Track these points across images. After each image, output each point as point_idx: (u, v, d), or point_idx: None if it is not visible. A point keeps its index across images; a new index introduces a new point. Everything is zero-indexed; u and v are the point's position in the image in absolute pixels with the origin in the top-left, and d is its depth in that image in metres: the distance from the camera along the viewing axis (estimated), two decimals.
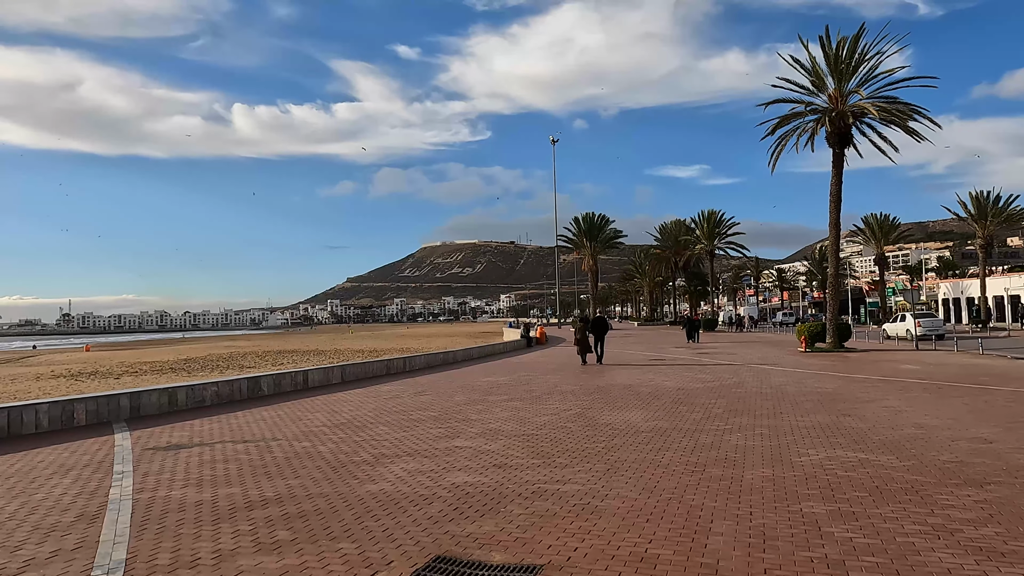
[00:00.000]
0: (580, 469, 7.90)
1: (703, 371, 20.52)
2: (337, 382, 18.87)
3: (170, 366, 38.02)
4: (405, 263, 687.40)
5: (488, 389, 16.70)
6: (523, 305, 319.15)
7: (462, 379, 19.65)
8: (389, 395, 15.92)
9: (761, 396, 14.17)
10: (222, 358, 45.37)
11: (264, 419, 12.49)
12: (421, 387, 17.61)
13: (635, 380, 18.10)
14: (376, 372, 20.87)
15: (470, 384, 18.09)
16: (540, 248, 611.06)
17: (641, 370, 21.33)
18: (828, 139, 30.57)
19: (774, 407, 12.50)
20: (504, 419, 11.80)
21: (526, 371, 21.94)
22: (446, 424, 11.42)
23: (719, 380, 17.68)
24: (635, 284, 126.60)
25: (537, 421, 11.49)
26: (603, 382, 17.75)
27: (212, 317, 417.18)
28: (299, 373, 17.63)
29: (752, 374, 19.25)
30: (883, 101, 29.30)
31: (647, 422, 11.11)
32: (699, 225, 74.23)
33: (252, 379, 16.11)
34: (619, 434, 10.07)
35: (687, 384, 16.82)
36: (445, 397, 15.25)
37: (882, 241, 63.12)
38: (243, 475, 7.99)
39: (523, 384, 17.74)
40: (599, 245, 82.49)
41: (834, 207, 30.77)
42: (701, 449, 8.86)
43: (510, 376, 20.20)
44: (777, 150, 31.84)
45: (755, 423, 10.78)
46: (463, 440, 9.92)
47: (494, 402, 14.13)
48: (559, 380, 18.61)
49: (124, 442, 10.36)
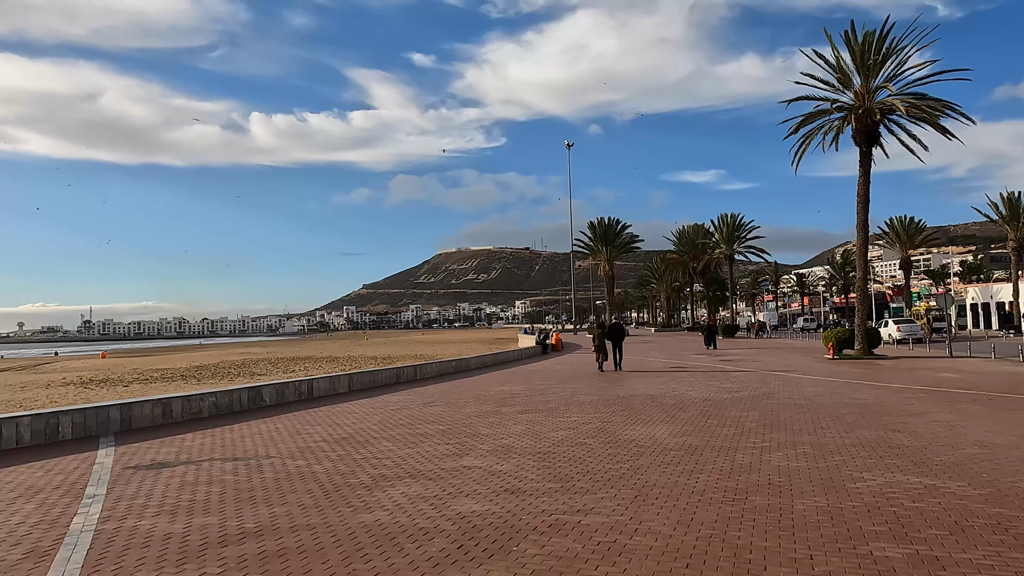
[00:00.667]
0: (604, 495, 6.95)
1: (728, 379, 19.46)
2: (344, 391, 18.04)
3: (180, 373, 37.51)
4: (420, 270, 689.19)
5: (501, 399, 15.78)
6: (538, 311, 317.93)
7: (475, 388, 18.75)
8: (397, 406, 15.04)
9: (796, 408, 13.11)
10: (234, 365, 44.86)
11: (261, 433, 11.66)
12: (431, 397, 16.73)
13: (657, 390, 17.10)
14: (385, 381, 20.04)
15: (483, 394, 17.18)
16: (555, 254, 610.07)
17: (662, 378, 20.31)
18: (854, 137, 29.42)
19: (812, 420, 11.46)
20: (518, 434, 10.88)
21: (542, 379, 21.00)
22: (455, 439, 10.51)
23: (747, 390, 16.62)
24: (651, 289, 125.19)
25: (554, 436, 10.55)
26: (624, 392, 16.76)
27: (230, 323, 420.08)
28: (304, 382, 16.82)
29: (781, 383, 18.16)
30: (912, 97, 28.10)
31: (675, 438, 10.13)
32: (718, 229, 72.88)
33: (253, 389, 15.31)
34: (645, 452, 9.10)
35: (713, 394, 15.78)
36: (456, 408, 14.35)
37: (907, 245, 61.36)
38: (224, 501, 7.13)
39: (539, 394, 16.80)
40: (615, 250, 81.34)
41: (862, 208, 29.57)
42: (739, 471, 7.87)
43: (525, 385, 19.28)
44: (801, 149, 30.73)
45: (795, 439, 9.76)
46: (472, 458, 9.00)
47: (507, 414, 13.21)
48: (577, 389, 17.66)
49: (106, 459, 9.56)
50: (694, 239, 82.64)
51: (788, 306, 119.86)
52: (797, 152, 30.90)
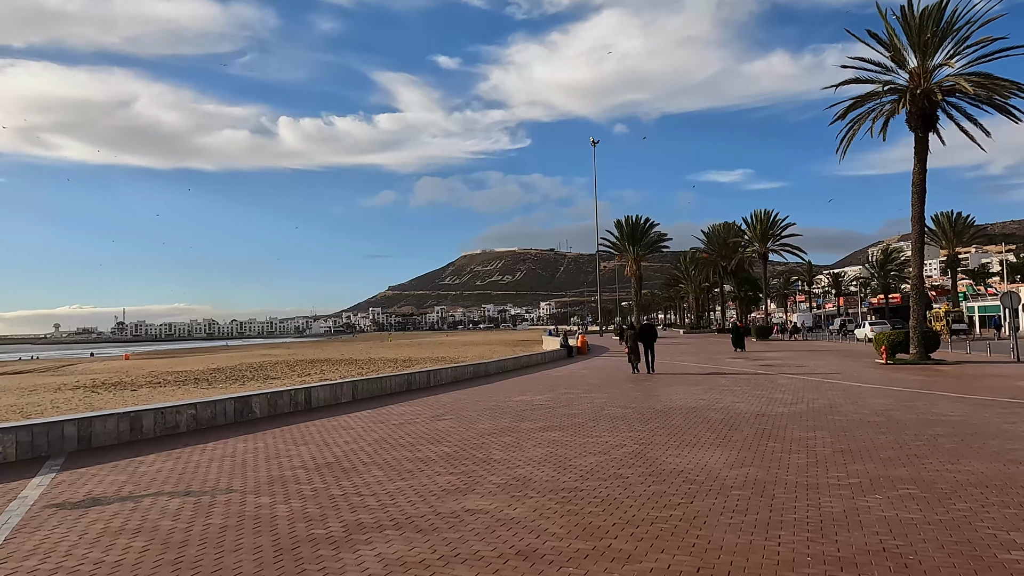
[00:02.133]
0: (652, 563, 5.00)
1: (776, 388, 17.29)
2: (347, 401, 16.27)
3: (195, 376, 36.38)
4: (445, 271, 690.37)
5: (521, 412, 13.86)
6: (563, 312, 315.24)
7: (492, 397, 16.85)
8: (401, 420, 13.20)
9: (871, 427, 10.98)
10: (252, 367, 43.73)
11: (235, 455, 9.89)
12: (442, 409, 14.86)
13: (698, 400, 15.02)
14: (395, 388, 18.23)
15: (500, 405, 15.27)
16: (580, 255, 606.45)
17: (701, 387, 18.20)
18: (909, 122, 26.93)
19: (899, 444, 9.34)
20: (537, 460, 8.95)
21: (567, 387, 19.02)
22: (460, 467, 8.62)
23: (803, 401, 14.47)
24: (679, 290, 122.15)
25: (581, 465, 8.60)
26: (661, 404, 14.71)
27: (258, 325, 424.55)
28: (300, 391, 15.07)
29: (840, 393, 15.96)
30: (977, 76, 25.53)
31: (733, 469, 8.11)
32: (751, 226, 69.97)
33: (241, 399, 13.59)
34: (699, 491, 7.11)
35: (765, 407, 13.67)
36: (467, 424, 12.46)
37: (955, 242, 57.94)
38: (140, 565, 5.32)
39: (563, 405, 14.84)
40: (642, 249, 78.82)
41: (917, 199, 27.06)
42: (833, 525, 5.85)
43: (549, 394, 17.32)
44: (848, 135, 28.31)
45: (889, 473, 7.68)
46: (478, 497, 7.10)
47: (527, 432, 11.28)
48: (607, 400, 15.65)
49: (32, 492, 7.85)
50: (725, 237, 79.73)
51: (822, 307, 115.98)
52: (843, 139, 28.51)
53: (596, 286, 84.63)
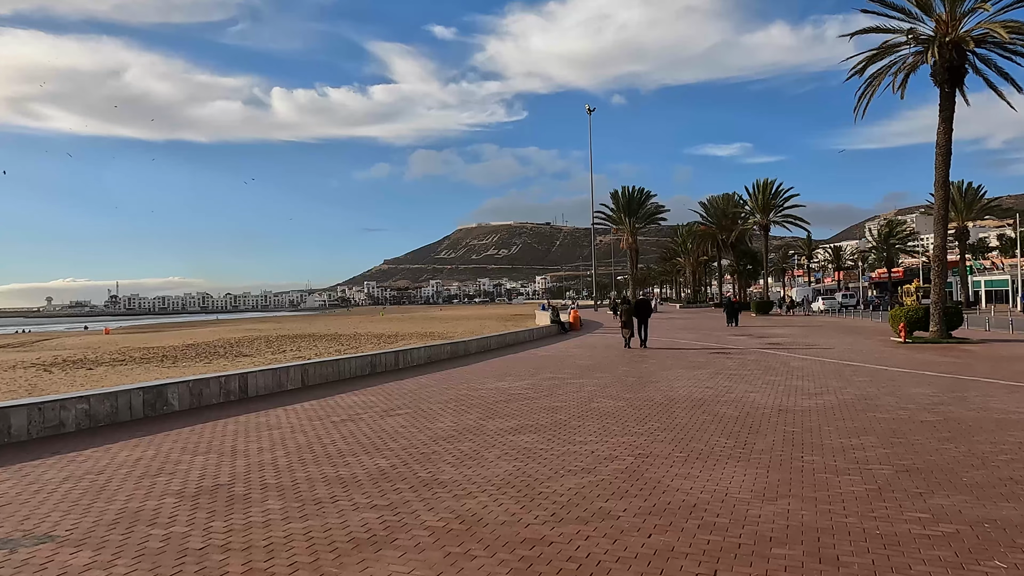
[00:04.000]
0: None
1: (792, 373, 15.01)
2: (294, 388, 13.94)
3: (163, 353, 34.12)
4: (441, 245, 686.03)
5: (493, 405, 11.55)
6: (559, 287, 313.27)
7: (464, 384, 14.53)
8: (346, 415, 10.87)
9: (927, 429, 8.70)
10: (229, 343, 41.53)
11: (102, 471, 7.55)
12: (400, 399, 12.53)
13: (704, 389, 12.72)
14: (355, 372, 15.90)
15: (471, 394, 12.95)
16: (576, 229, 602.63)
17: (705, 370, 15.90)
18: (934, 76, 24.36)
19: (980, 460, 7.06)
20: (498, 483, 6.63)
21: (553, 370, 16.72)
22: (391, 496, 6.29)
23: (828, 390, 12.20)
24: (676, 264, 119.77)
25: (555, 491, 6.29)
26: (660, 394, 12.40)
27: (252, 299, 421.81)
28: (233, 378, 12.70)
29: (868, 379, 13.69)
30: (1013, 23, 22.91)
31: (766, 502, 5.81)
32: (752, 196, 67.34)
33: (153, 389, 11.20)
34: (724, 545, 4.79)
35: (786, 399, 11.39)
36: (424, 421, 10.14)
37: (964, 214, 55.52)
38: None
39: (545, 395, 12.53)
40: (639, 221, 76.30)
41: (941, 162, 24.62)
42: None
43: (530, 379, 15.01)
44: (868, 92, 25.70)
45: (992, 514, 5.38)
46: (394, 557, 4.76)
47: (493, 435, 8.97)
48: (597, 388, 13.35)
49: None
50: (725, 209, 77.15)
51: (821, 281, 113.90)
52: (862, 96, 25.91)
53: (592, 260, 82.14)
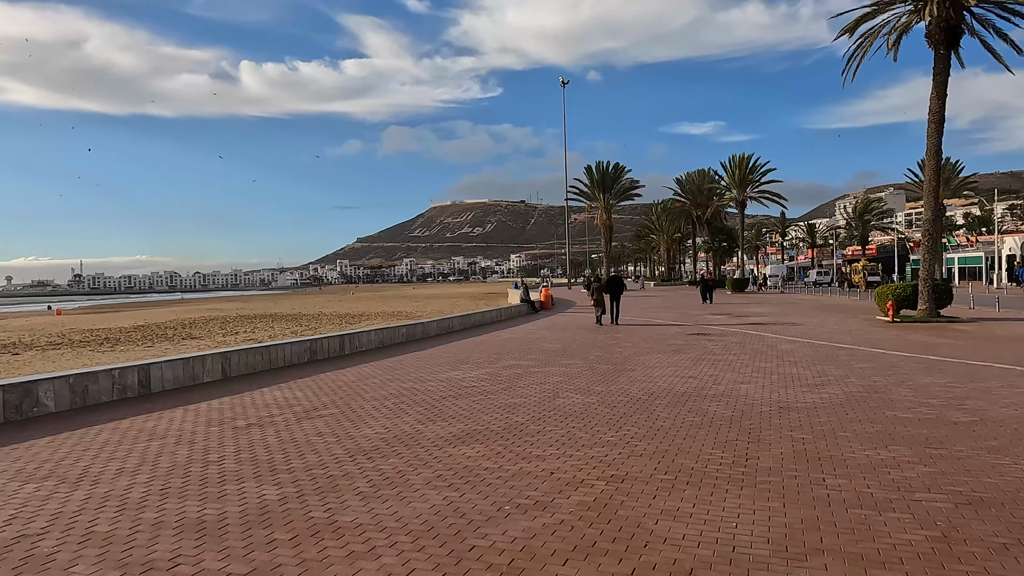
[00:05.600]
0: None
1: (783, 358, 13.37)
2: (210, 380, 11.88)
3: (106, 336, 31.68)
4: (415, 223, 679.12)
5: (438, 402, 9.67)
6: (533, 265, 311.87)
7: (412, 374, 12.61)
8: (256, 417, 8.89)
9: (966, 434, 7.03)
10: (182, 324, 39.08)
11: None
12: (330, 394, 10.57)
13: (687, 379, 10.98)
14: (289, 360, 13.87)
15: (416, 388, 11.04)
16: (551, 207, 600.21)
17: (685, 354, 14.19)
18: (929, 36, 22.74)
19: None
20: (418, 528, 4.75)
21: (516, 356, 14.87)
22: (262, 549, 4.37)
23: (830, 380, 10.53)
24: (650, 242, 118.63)
25: (496, 544, 4.42)
26: (637, 386, 10.62)
27: (222, 277, 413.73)
28: (131, 371, 10.56)
29: (869, 365, 12.09)
30: None
31: (792, 562, 4.01)
32: (729, 172, 65.89)
33: (19, 387, 9.06)
34: None
35: (784, 392, 9.69)
36: (349, 425, 8.22)
37: (940, 190, 54.59)
38: None
39: (503, 388, 10.68)
40: (613, 197, 74.59)
41: (934, 130, 23.11)
42: None
43: (489, 367, 13.16)
44: (859, 53, 24.03)
45: None
46: None
47: (429, 447, 7.09)
48: (564, 378, 11.54)
49: None
50: (700, 185, 75.75)
51: (794, 259, 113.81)
52: (851, 58, 24.24)
53: (566, 238, 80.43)
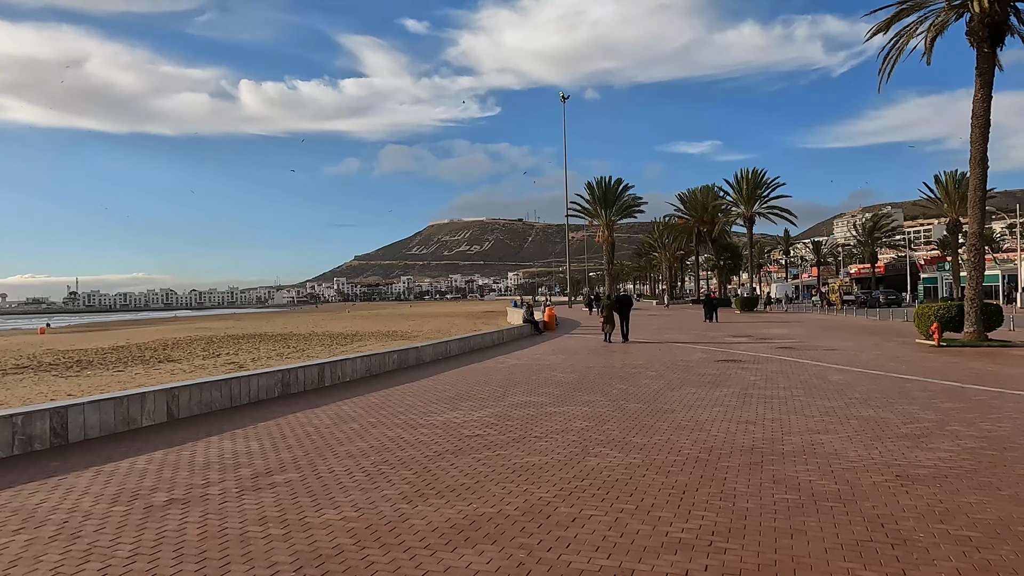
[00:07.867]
0: None
1: (846, 395, 11.12)
2: (155, 423, 9.61)
3: (79, 357, 29.44)
4: (412, 241, 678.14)
5: (431, 462, 7.39)
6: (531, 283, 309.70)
7: (400, 416, 10.33)
8: (186, 486, 6.61)
9: None
10: (165, 344, 36.80)
11: None
12: (294, 448, 8.27)
13: (747, 427, 8.71)
14: (254, 395, 11.58)
15: (403, 437, 8.75)
16: (548, 226, 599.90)
17: (725, 388, 11.93)
18: (971, 34, 20.81)
19: None
20: None
21: (525, 390, 12.59)
22: None
23: (929, 430, 8.28)
24: (651, 259, 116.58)
25: None
26: (687, 437, 8.34)
27: (218, 295, 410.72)
28: (41, 415, 8.24)
29: (958, 404, 9.85)
30: None
31: None
32: (735, 188, 64.01)
33: None
34: None
35: (881, 446, 7.43)
36: (308, 503, 5.93)
37: (957, 205, 52.68)
38: None
39: (514, 439, 8.40)
40: (615, 213, 72.56)
41: (979, 134, 21.07)
42: None
43: (495, 406, 10.88)
44: (894, 53, 22.05)
45: None
46: None
47: (417, 543, 4.80)
48: (590, 423, 9.25)
49: None
50: (704, 201, 73.83)
51: (799, 277, 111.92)
52: (887, 58, 22.26)
53: (565, 256, 78.35)
